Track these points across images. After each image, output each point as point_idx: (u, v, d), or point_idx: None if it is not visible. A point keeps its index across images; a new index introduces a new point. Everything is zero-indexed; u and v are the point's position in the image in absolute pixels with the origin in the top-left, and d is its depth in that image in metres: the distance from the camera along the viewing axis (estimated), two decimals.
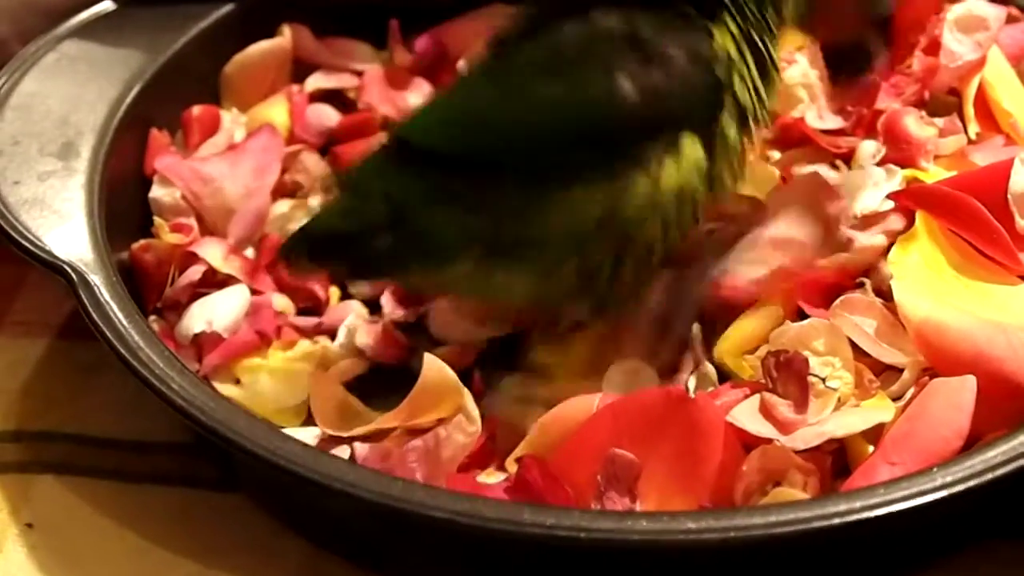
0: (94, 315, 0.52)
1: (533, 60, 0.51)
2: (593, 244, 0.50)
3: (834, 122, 0.63)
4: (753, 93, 0.52)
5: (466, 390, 0.52)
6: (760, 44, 0.53)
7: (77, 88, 0.62)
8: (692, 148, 0.51)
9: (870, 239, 0.55)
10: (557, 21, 0.51)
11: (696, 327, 0.55)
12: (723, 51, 0.51)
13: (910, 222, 0.55)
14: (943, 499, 0.45)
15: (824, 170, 0.59)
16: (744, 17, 0.52)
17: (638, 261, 0.51)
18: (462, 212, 0.50)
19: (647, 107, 0.50)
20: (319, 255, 0.52)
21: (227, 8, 0.68)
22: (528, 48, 0.52)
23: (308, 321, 0.59)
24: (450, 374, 0.52)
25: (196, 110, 0.66)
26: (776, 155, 0.62)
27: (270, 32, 0.69)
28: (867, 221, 0.56)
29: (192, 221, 0.61)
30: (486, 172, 0.50)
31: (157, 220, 0.61)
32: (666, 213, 0.51)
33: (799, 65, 0.63)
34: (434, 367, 0.52)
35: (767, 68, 0.53)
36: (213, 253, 0.59)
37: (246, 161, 0.63)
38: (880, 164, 0.59)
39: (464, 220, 0.50)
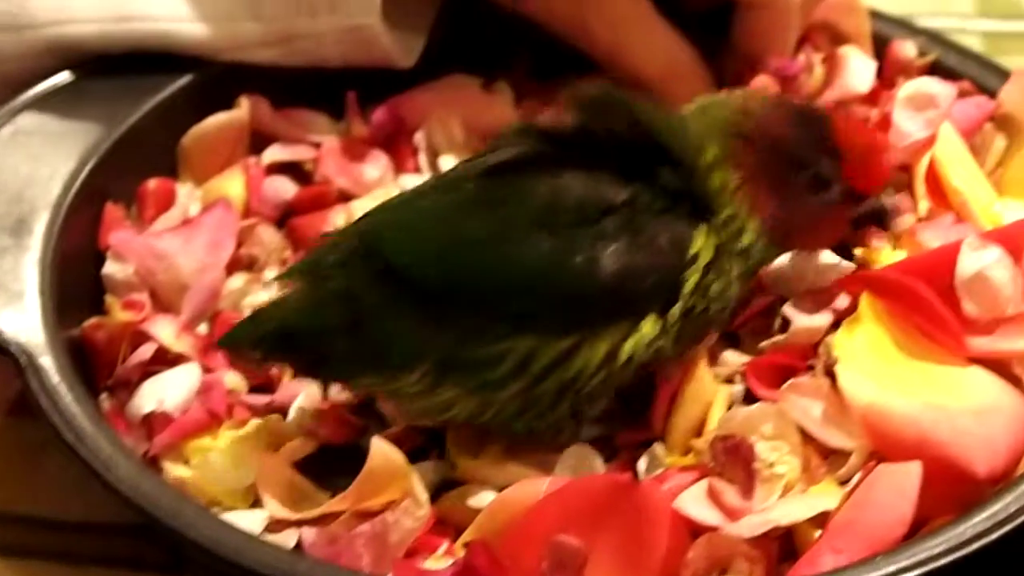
0: (42, 399, 0.53)
1: (528, 209, 0.52)
2: (540, 385, 0.51)
3: None
4: (714, 293, 0.53)
5: (415, 473, 0.52)
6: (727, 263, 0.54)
7: (32, 162, 0.62)
8: (650, 327, 0.52)
9: (811, 320, 0.55)
10: (561, 169, 0.52)
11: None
12: (699, 250, 0.52)
13: (856, 304, 0.55)
14: None
15: None
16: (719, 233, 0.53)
17: (579, 400, 0.52)
18: (421, 326, 0.51)
19: (621, 287, 0.51)
20: (269, 350, 0.53)
21: (185, 80, 0.68)
22: (526, 191, 0.52)
23: (260, 399, 0.59)
24: (398, 457, 0.52)
25: (152, 184, 0.65)
26: None
27: (228, 104, 0.69)
28: (814, 301, 0.56)
29: (144, 298, 0.61)
30: (452, 294, 0.51)
31: (109, 298, 0.61)
32: (613, 371, 0.52)
33: None
34: (381, 451, 0.52)
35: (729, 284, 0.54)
36: (165, 331, 0.59)
37: (200, 236, 0.63)
38: None
39: (422, 334, 0.51)
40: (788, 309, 0.56)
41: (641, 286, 0.51)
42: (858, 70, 0.69)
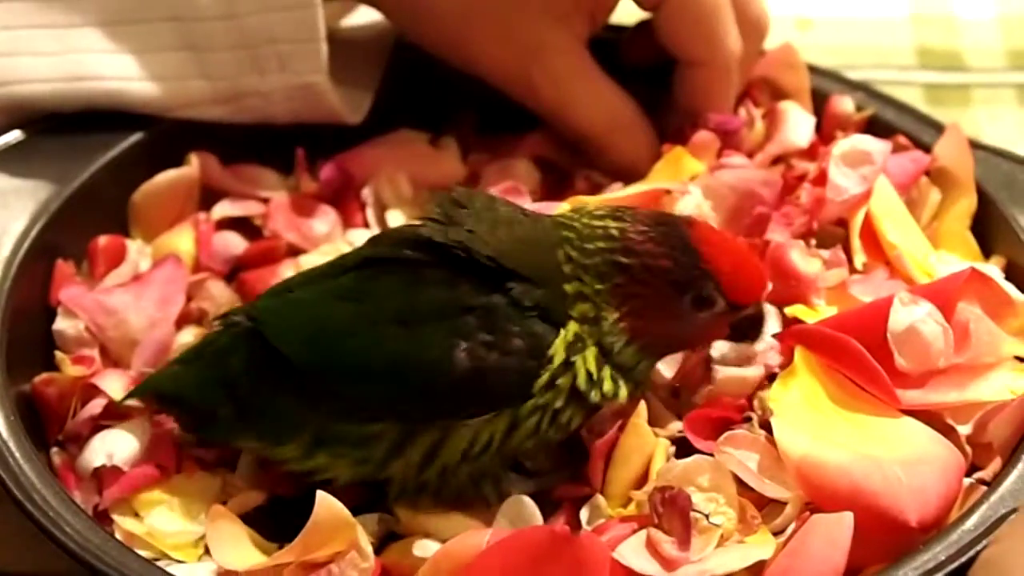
0: None
1: (393, 304, 0.54)
2: (425, 471, 0.54)
3: None
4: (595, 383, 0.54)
5: (359, 526, 0.53)
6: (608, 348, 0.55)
7: None
8: (504, 422, 0.54)
9: (741, 372, 0.57)
10: (427, 270, 0.54)
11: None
12: (564, 346, 0.53)
13: (790, 357, 0.56)
14: None
15: None
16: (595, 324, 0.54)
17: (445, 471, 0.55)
18: (298, 403, 0.55)
19: (474, 382, 0.52)
20: (163, 406, 0.59)
21: (135, 137, 0.69)
22: (390, 288, 0.54)
23: (209, 452, 0.59)
24: (342, 510, 0.53)
25: (102, 240, 0.66)
26: None
27: (178, 161, 0.70)
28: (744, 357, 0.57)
29: (95, 353, 0.62)
30: (323, 376, 0.54)
31: (59, 354, 0.61)
32: (486, 456, 0.54)
33: (692, 196, 0.64)
34: (326, 504, 0.52)
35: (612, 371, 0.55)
36: (114, 386, 0.60)
37: (150, 292, 0.64)
38: (767, 299, 0.60)
39: (299, 410, 0.55)
40: (716, 363, 0.57)
41: (493, 382, 0.53)
42: (798, 125, 0.71)
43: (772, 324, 0.59)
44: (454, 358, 0.52)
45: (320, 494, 0.53)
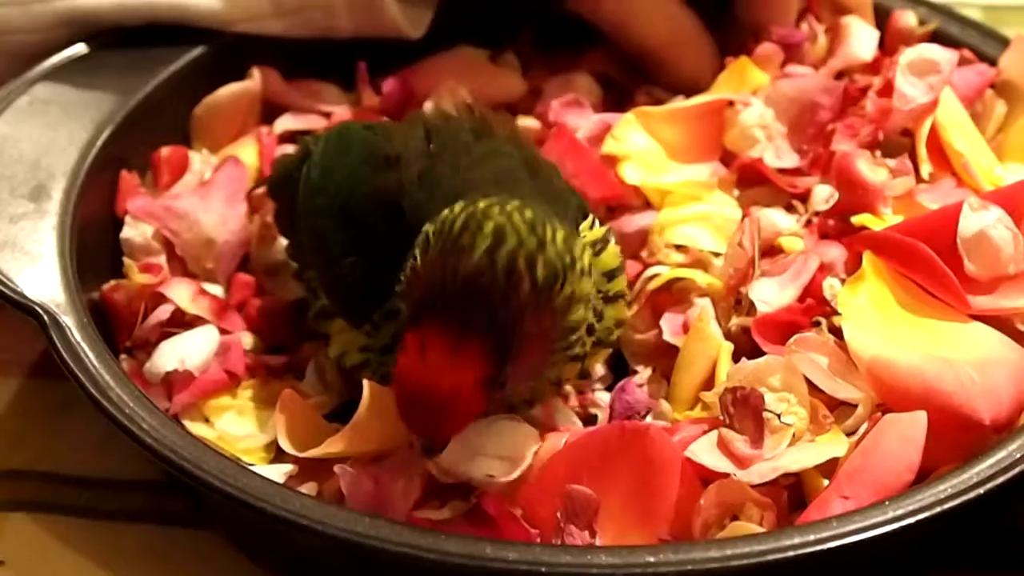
0: (65, 356, 0.53)
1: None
2: None
3: (791, 160, 0.64)
4: None
5: None
6: None
7: (49, 131, 0.63)
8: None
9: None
10: None
11: (646, 373, 0.57)
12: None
13: (858, 263, 0.56)
14: (895, 531, 0.47)
15: (780, 213, 0.61)
16: None
17: None
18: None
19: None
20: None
21: (197, 51, 0.69)
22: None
23: (277, 359, 0.60)
24: (391, 399, 0.51)
25: (165, 151, 0.66)
26: (736, 193, 0.64)
27: (240, 75, 0.70)
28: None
29: (162, 260, 0.62)
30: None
31: (127, 261, 0.62)
32: None
33: (754, 108, 0.65)
34: (374, 392, 0.52)
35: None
36: (181, 294, 0.60)
37: (216, 193, 0.64)
38: (834, 209, 0.60)
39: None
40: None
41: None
42: (861, 39, 0.71)
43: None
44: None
45: (367, 382, 0.52)
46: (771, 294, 0.57)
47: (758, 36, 0.70)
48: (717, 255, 0.60)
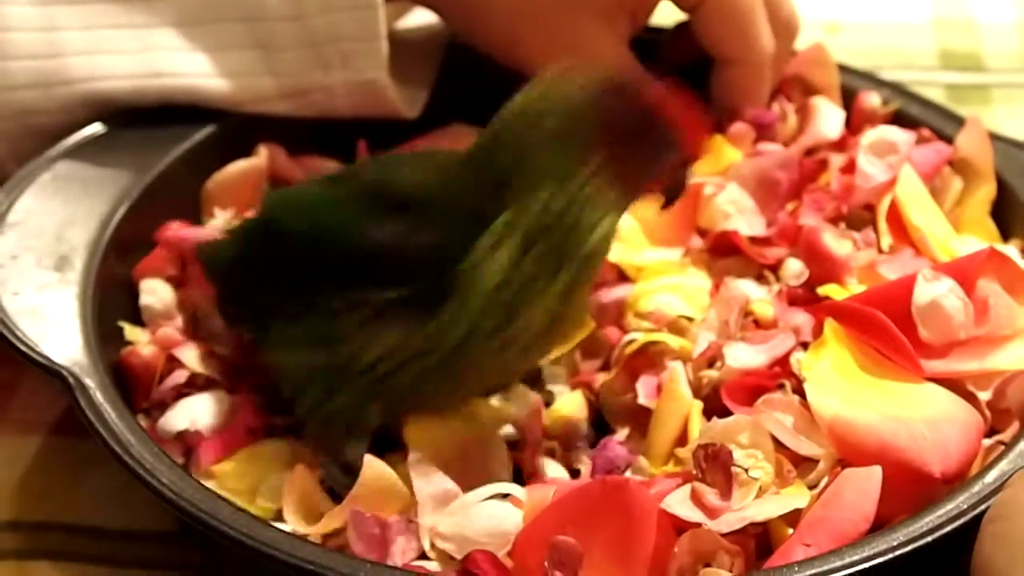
0: (89, 415, 0.57)
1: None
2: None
3: (760, 228, 0.69)
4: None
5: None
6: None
7: (70, 206, 0.67)
8: None
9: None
10: None
11: (624, 432, 0.62)
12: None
13: (821, 330, 0.61)
14: (851, 575, 0.51)
15: (751, 284, 0.66)
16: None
17: None
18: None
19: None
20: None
21: (208, 130, 0.73)
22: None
23: (285, 420, 0.64)
24: (389, 473, 0.57)
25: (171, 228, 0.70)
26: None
27: (247, 151, 0.74)
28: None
29: (178, 325, 0.66)
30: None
31: (132, 331, 0.66)
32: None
33: (729, 191, 0.69)
34: (372, 466, 0.56)
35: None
36: (190, 356, 0.64)
37: None
38: (806, 283, 0.65)
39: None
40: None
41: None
42: (828, 119, 0.76)
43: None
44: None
45: (368, 457, 0.57)
46: (746, 357, 0.61)
47: (732, 116, 0.75)
48: (689, 319, 0.65)
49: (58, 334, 0.61)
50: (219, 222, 0.71)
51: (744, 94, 0.76)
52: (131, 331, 0.66)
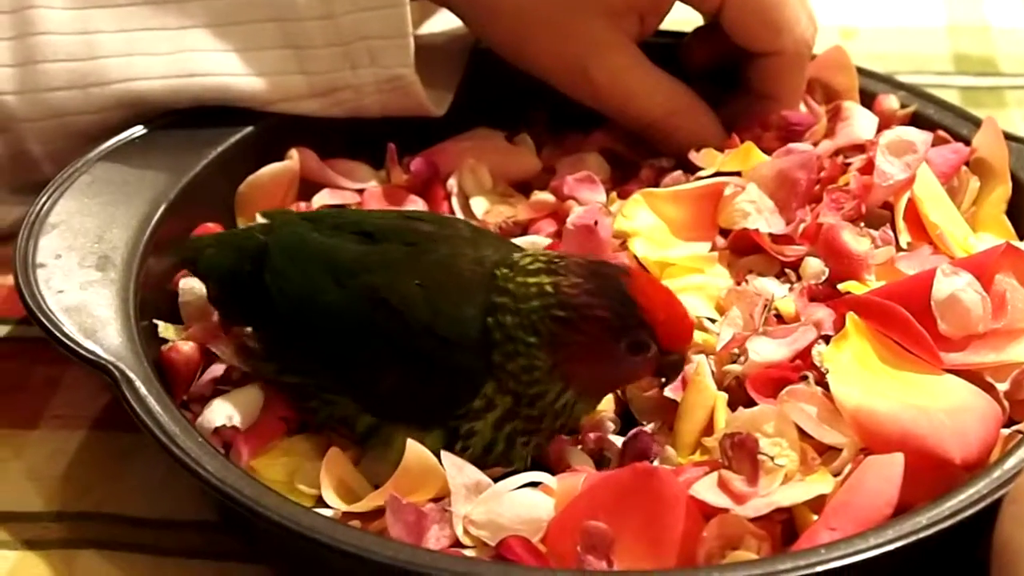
0: (136, 407, 0.59)
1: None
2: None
3: (779, 226, 0.70)
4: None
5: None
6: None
7: (110, 207, 0.69)
8: (434, 440, 0.60)
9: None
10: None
11: (652, 426, 0.63)
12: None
13: (843, 324, 0.62)
14: (875, 557, 0.53)
15: (773, 282, 0.68)
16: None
17: None
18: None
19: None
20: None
21: (241, 133, 0.75)
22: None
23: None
24: (429, 458, 0.58)
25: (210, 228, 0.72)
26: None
27: (280, 155, 0.76)
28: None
29: (215, 320, 0.68)
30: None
31: (171, 327, 0.67)
32: None
33: (749, 191, 0.71)
34: (414, 451, 0.58)
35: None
36: (226, 351, 0.66)
37: None
38: (826, 281, 0.66)
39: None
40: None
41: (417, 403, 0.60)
42: (862, 121, 0.77)
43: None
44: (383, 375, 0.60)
45: (410, 442, 0.58)
46: (768, 350, 0.63)
47: (766, 120, 0.77)
48: (712, 320, 0.66)
49: (103, 330, 0.63)
50: None
51: (782, 86, 0.77)
52: (164, 328, 0.67)
